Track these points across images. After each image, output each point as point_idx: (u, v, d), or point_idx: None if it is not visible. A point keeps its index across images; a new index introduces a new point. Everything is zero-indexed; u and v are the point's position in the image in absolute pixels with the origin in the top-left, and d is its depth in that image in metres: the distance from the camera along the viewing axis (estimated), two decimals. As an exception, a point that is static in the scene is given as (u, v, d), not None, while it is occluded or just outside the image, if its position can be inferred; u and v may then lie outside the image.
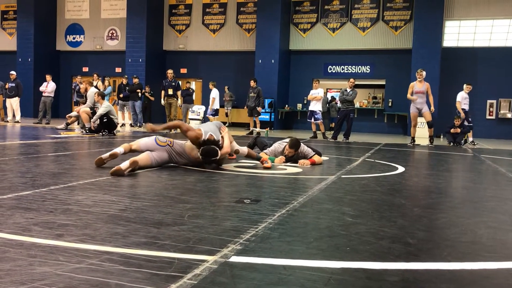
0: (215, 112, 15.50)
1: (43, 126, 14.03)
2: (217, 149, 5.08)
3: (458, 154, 9.38)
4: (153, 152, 5.02)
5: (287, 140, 6.22)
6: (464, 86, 12.50)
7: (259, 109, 13.75)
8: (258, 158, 5.70)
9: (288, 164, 5.98)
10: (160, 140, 5.10)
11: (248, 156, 5.79)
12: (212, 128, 5.36)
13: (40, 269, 1.85)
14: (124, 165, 4.56)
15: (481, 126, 16.35)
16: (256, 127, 13.82)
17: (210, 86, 15.52)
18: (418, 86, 11.36)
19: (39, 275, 1.78)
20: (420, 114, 11.49)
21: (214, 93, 15.42)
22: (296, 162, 6.07)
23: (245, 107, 13.98)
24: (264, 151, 6.24)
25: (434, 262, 2.17)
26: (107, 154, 5.02)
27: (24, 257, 1.99)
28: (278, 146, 6.23)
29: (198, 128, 5.34)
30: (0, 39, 22.87)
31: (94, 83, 13.19)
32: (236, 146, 5.70)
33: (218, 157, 5.10)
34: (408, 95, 11.51)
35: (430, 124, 11.54)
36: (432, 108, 11.46)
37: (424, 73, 11.44)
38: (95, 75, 15.08)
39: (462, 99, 12.35)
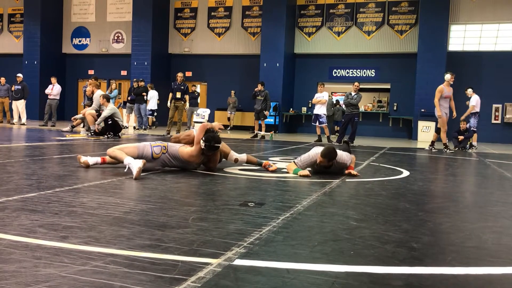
0: (152, 113, 16.84)
1: (49, 128, 14.10)
2: (220, 138, 5.04)
3: (463, 158, 9.35)
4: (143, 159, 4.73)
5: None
6: None
7: (266, 112, 13.76)
8: (260, 164, 5.67)
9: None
10: (156, 152, 4.92)
11: (249, 163, 5.75)
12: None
13: (44, 271, 1.86)
14: (93, 160, 5.11)
15: (487, 130, 16.28)
16: (261, 130, 13.84)
17: (149, 88, 16.72)
18: (448, 90, 10.90)
19: (43, 277, 1.79)
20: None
21: (150, 95, 16.64)
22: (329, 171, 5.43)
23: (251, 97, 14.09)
24: (297, 160, 5.44)
25: (438, 266, 2.16)
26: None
27: (29, 258, 2.00)
28: (314, 154, 5.34)
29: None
30: (6, 42, 23.04)
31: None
32: (235, 155, 5.63)
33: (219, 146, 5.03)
34: (436, 100, 10.78)
35: (438, 130, 11.40)
36: (454, 113, 11.15)
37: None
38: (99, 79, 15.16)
39: None
